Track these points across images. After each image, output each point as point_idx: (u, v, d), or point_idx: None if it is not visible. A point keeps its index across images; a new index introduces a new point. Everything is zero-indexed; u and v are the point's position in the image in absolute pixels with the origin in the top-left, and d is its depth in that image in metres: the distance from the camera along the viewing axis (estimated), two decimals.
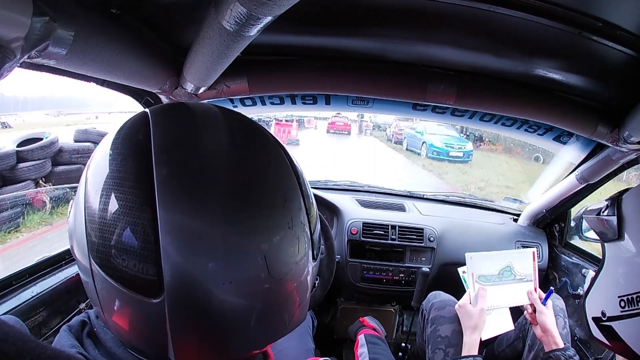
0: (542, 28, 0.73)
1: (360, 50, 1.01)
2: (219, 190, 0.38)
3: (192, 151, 0.39)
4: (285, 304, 0.41)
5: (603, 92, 1.04)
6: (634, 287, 0.55)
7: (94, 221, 0.37)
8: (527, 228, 1.80)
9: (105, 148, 0.41)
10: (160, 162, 0.37)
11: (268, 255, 0.37)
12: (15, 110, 7.73)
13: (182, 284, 0.35)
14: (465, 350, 1.05)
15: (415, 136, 10.11)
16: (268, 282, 0.38)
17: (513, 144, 9.29)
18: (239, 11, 0.50)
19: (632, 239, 0.59)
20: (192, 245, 0.35)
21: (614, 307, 0.57)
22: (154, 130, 0.40)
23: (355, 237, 1.64)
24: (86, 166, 0.42)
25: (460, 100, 1.05)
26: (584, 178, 1.39)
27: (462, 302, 1.14)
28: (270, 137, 0.47)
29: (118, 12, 0.66)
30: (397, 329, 1.81)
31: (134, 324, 0.38)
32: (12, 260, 3.09)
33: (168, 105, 0.48)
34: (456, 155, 9.28)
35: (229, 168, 0.40)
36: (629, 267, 0.58)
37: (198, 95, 0.99)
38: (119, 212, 0.36)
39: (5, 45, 0.41)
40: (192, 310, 0.36)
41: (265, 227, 0.38)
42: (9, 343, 0.23)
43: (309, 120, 11.45)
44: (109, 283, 0.36)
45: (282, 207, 0.41)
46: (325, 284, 1.03)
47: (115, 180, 0.37)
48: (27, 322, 0.84)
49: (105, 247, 0.36)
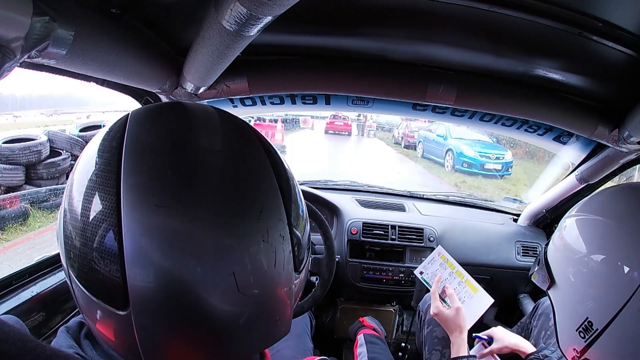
0: (542, 28, 0.73)
1: (360, 50, 1.01)
2: (187, 202, 0.35)
3: (162, 158, 0.37)
4: (259, 321, 0.39)
5: (603, 92, 1.04)
6: (581, 316, 0.61)
7: (67, 227, 0.37)
8: (527, 228, 1.80)
9: (85, 152, 0.41)
10: (129, 170, 0.36)
11: (237, 271, 0.35)
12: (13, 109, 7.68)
13: (148, 298, 0.34)
14: (453, 352, 1.03)
15: (436, 141, 7.96)
16: (238, 299, 0.36)
17: (536, 148, 6.74)
18: (239, 11, 0.50)
19: (561, 280, 0.68)
20: (158, 259, 0.34)
21: (578, 341, 0.62)
22: (127, 135, 0.38)
23: (355, 237, 1.64)
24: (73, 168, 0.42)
25: (460, 100, 1.05)
26: (583, 178, 1.39)
27: (437, 310, 1.11)
28: (255, 140, 0.44)
29: (118, 12, 0.66)
30: (397, 329, 1.81)
31: (108, 333, 0.38)
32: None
33: (148, 107, 0.44)
34: (493, 168, 7.11)
35: (199, 178, 0.37)
36: (570, 301, 0.65)
37: (198, 95, 0.99)
38: (87, 220, 0.36)
39: (5, 45, 0.41)
40: (158, 325, 0.35)
41: (235, 241, 0.36)
42: (9, 343, 0.23)
43: (305, 119, 10.34)
44: (82, 290, 0.37)
45: (257, 218, 0.38)
46: (325, 284, 1.03)
47: (88, 186, 0.37)
48: (27, 322, 0.84)
49: (76, 254, 0.36)
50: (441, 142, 7.78)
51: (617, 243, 0.60)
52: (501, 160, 7.20)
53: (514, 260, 1.68)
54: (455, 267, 1.25)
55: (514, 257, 1.69)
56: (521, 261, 1.68)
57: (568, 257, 0.67)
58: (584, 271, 0.62)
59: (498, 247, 1.70)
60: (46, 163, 4.27)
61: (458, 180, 6.97)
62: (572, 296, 0.65)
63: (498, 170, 7.15)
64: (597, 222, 0.65)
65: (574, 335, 0.62)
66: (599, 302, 0.59)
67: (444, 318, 1.09)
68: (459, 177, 7.08)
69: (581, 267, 0.63)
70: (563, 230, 0.70)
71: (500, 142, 7.45)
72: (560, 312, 0.68)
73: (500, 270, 1.67)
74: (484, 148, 7.26)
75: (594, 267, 0.61)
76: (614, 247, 0.60)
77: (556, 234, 0.73)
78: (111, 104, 6.82)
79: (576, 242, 0.66)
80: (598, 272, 0.60)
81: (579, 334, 0.61)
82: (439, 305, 1.11)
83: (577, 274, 0.64)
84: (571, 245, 0.67)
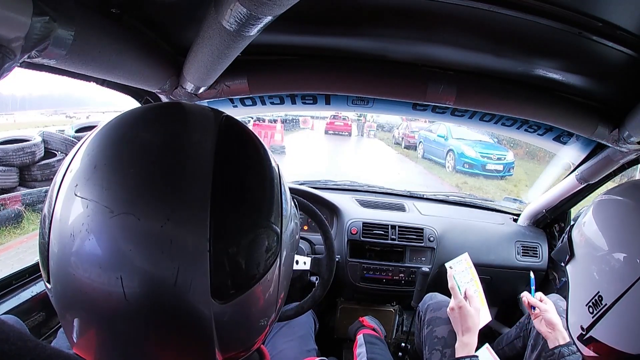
0: (542, 28, 0.73)
1: (360, 50, 1.01)
2: (93, 188, 0.33)
3: (106, 162, 0.34)
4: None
5: (603, 92, 1.04)
6: (593, 290, 0.63)
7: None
8: (527, 228, 1.80)
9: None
10: (71, 171, 0.35)
11: (124, 277, 0.32)
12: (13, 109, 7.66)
13: (70, 298, 0.34)
14: (464, 351, 1.04)
15: (437, 141, 7.83)
16: (129, 311, 0.32)
17: (537, 148, 6.26)
18: (239, 11, 0.50)
19: (580, 255, 0.71)
20: (80, 262, 0.32)
21: (586, 317, 0.64)
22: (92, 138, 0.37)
23: (355, 237, 1.64)
24: None
25: (460, 100, 1.05)
26: (583, 178, 1.39)
27: (461, 304, 1.11)
28: (203, 132, 0.38)
29: (118, 12, 0.66)
30: (397, 329, 1.82)
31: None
32: None
33: (122, 114, 0.40)
34: (494, 168, 7.03)
35: (114, 166, 0.34)
36: (584, 275, 0.68)
37: (198, 95, 0.99)
38: (44, 221, 0.36)
39: (5, 45, 0.41)
40: (87, 330, 0.35)
41: (127, 246, 0.32)
42: (9, 343, 0.23)
43: (305, 120, 10.04)
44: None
45: (161, 225, 0.32)
46: (325, 284, 1.03)
47: (54, 186, 0.36)
48: (27, 322, 0.84)
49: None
50: (442, 143, 7.64)
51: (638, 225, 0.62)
52: (503, 160, 7.10)
53: (514, 260, 1.68)
54: (475, 277, 1.26)
55: (514, 257, 1.69)
56: (521, 261, 1.68)
57: (591, 232, 0.69)
58: (604, 249, 0.64)
59: (498, 247, 1.70)
60: (41, 164, 4.19)
61: (459, 181, 6.85)
62: (588, 269, 0.67)
63: (499, 171, 7.03)
64: (624, 203, 0.67)
65: (583, 310, 0.65)
66: (610, 277, 0.61)
67: (465, 313, 1.09)
68: (460, 177, 6.97)
69: (601, 245, 0.65)
70: (592, 207, 0.72)
71: (501, 143, 7.35)
72: (574, 289, 0.71)
73: (500, 270, 1.67)
74: (485, 148, 7.15)
75: (613, 245, 0.63)
76: (634, 230, 0.61)
77: (586, 210, 0.75)
78: (111, 104, 6.79)
79: (601, 221, 0.68)
80: (616, 251, 0.62)
81: (588, 309, 0.64)
82: (463, 300, 1.12)
83: (596, 249, 0.66)
84: (595, 224, 0.68)
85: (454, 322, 1.12)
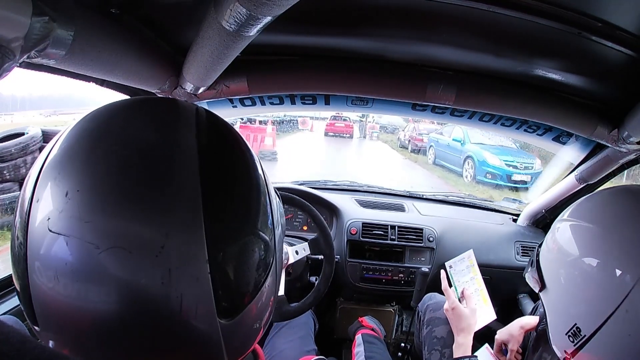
0: (542, 28, 0.73)
1: (360, 50, 1.01)
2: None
3: (79, 189, 0.31)
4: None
5: (603, 92, 1.04)
6: (570, 321, 0.62)
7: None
8: (526, 228, 1.80)
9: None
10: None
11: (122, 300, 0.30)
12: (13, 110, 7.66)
13: (52, 311, 0.31)
14: (460, 352, 1.04)
15: (451, 146, 6.80)
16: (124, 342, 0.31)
17: (549, 153, 3.97)
18: (239, 11, 0.50)
19: (552, 284, 0.70)
20: (73, 304, 0.30)
21: (568, 344, 0.63)
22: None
23: (355, 237, 1.64)
24: None
25: (460, 101, 1.05)
26: (583, 178, 1.39)
27: (453, 304, 1.12)
28: (186, 136, 0.35)
29: (118, 12, 0.66)
30: (397, 329, 1.81)
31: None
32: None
33: (83, 123, 0.36)
34: (521, 179, 5.82)
35: (105, 200, 0.31)
36: (560, 305, 0.67)
37: (197, 95, 0.99)
38: (18, 262, 0.33)
39: (4, 45, 0.41)
40: (66, 341, 0.33)
41: (123, 273, 0.30)
42: (8, 343, 0.23)
43: (304, 120, 9.53)
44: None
45: (155, 255, 0.29)
46: (325, 283, 1.04)
47: (22, 218, 0.34)
48: (26, 323, 0.83)
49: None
50: (458, 148, 6.60)
51: (605, 250, 0.60)
52: (530, 170, 5.88)
53: (514, 260, 1.68)
54: (477, 275, 1.26)
55: (514, 257, 1.69)
56: (520, 261, 1.68)
57: (559, 261, 0.68)
58: (575, 274, 0.63)
59: (497, 247, 1.70)
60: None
61: (474, 189, 5.86)
62: (561, 300, 0.66)
63: (526, 182, 5.78)
64: (586, 229, 0.66)
65: (564, 338, 0.63)
66: (587, 308, 0.60)
67: (459, 314, 1.09)
68: (478, 187, 5.85)
69: (571, 271, 0.64)
70: (555, 233, 0.71)
71: (525, 149, 6.16)
72: (551, 315, 0.69)
73: (500, 270, 1.67)
74: (509, 155, 6.02)
75: (583, 271, 0.62)
76: (603, 253, 0.60)
77: (549, 236, 0.74)
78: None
79: (567, 247, 0.67)
80: (587, 277, 0.61)
81: (568, 338, 0.63)
82: (456, 300, 1.12)
83: (567, 277, 0.65)
84: (562, 249, 0.67)
85: (450, 322, 1.12)
